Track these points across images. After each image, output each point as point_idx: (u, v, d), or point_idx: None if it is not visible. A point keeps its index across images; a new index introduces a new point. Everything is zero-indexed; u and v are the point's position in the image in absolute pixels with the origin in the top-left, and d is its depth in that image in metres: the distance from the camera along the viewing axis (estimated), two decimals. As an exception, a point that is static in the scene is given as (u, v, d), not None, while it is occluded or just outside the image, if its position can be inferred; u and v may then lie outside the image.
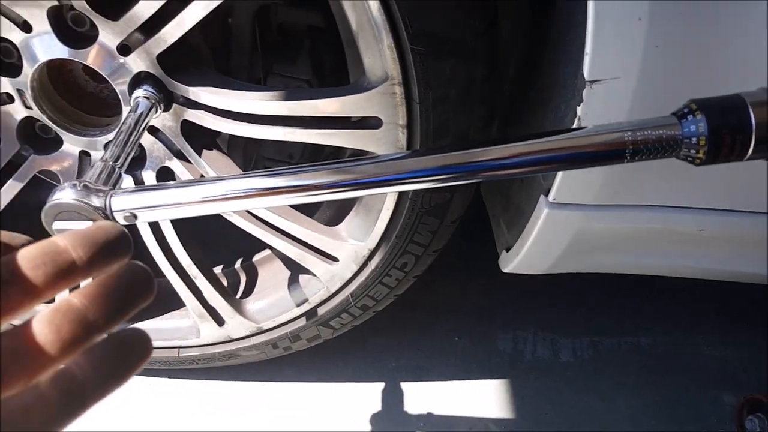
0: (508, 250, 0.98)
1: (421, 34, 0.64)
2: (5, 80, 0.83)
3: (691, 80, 0.66)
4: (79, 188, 0.60)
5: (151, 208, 0.60)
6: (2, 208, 0.94)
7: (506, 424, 1.13)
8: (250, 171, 0.59)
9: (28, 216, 1.03)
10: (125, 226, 0.59)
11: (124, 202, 0.60)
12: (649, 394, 1.18)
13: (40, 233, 1.03)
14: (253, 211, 0.90)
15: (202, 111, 0.81)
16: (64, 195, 0.59)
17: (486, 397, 1.18)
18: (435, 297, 1.34)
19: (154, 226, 0.93)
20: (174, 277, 0.97)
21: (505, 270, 1.00)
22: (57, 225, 0.61)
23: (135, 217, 0.61)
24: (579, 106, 0.69)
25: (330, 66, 0.89)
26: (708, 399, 1.16)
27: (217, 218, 0.95)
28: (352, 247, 0.90)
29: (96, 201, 0.60)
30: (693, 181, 0.80)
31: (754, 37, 0.63)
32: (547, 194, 0.82)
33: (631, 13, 0.61)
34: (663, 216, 0.83)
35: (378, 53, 0.68)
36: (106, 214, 0.60)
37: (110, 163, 0.68)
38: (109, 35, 0.76)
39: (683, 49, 0.64)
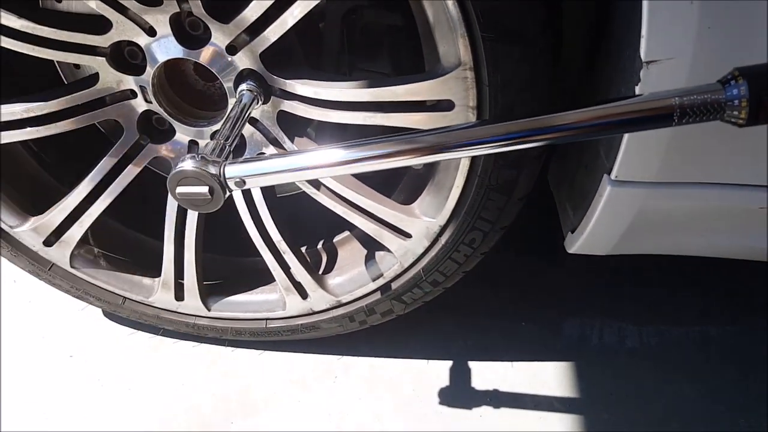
0: (573, 231, 1.04)
1: (491, 22, 0.72)
2: (131, 78, 0.98)
3: (742, 58, 0.70)
4: (198, 159, 0.72)
5: (257, 175, 0.72)
6: (121, 191, 1.09)
7: (571, 403, 1.18)
8: (335, 143, 0.69)
9: (142, 199, 1.19)
10: (236, 190, 0.71)
11: (235, 170, 0.72)
12: (717, 381, 1.19)
13: (152, 214, 1.18)
14: (339, 192, 1.00)
15: (296, 101, 0.92)
16: (186, 164, 0.72)
17: (551, 378, 1.23)
18: (501, 284, 1.40)
19: (251, 207, 1.06)
20: (266, 251, 1.09)
21: (570, 250, 1.05)
22: (180, 189, 0.74)
23: (244, 182, 0.72)
24: (637, 86, 0.75)
25: (407, 61, 0.99)
26: (779, 387, 1.16)
27: (306, 202, 1.07)
28: (424, 223, 0.99)
29: (212, 169, 0.72)
30: (755, 157, 0.84)
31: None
32: (609, 173, 0.87)
33: (683, -5, 0.67)
34: (724, 194, 0.87)
35: (452, 41, 0.77)
36: (221, 180, 0.72)
37: (222, 141, 0.80)
38: (220, 37, 0.89)
39: (734, 28, 0.69)
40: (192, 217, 1.08)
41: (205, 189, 0.72)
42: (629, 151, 0.82)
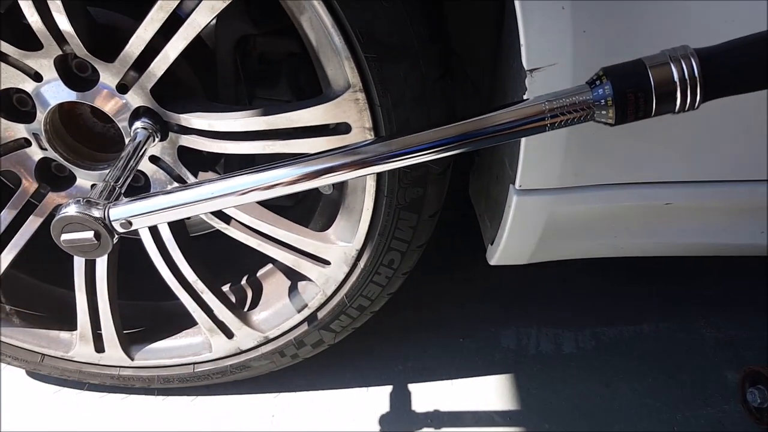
0: (492, 243, 1.04)
1: (371, 42, 0.72)
2: (21, 126, 0.93)
3: (622, 58, 0.72)
4: (82, 203, 0.69)
5: (144, 214, 0.69)
6: (25, 242, 1.04)
7: (512, 415, 1.17)
8: (223, 174, 0.66)
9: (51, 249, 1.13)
10: (124, 233, 0.68)
11: (120, 212, 0.69)
12: (653, 378, 1.20)
13: (63, 264, 1.12)
14: (250, 224, 0.98)
15: (195, 135, 0.90)
16: (69, 209, 0.68)
17: (491, 391, 1.21)
18: (436, 303, 1.39)
19: (162, 248, 1.02)
20: (182, 293, 1.04)
21: (492, 262, 1.05)
22: (65, 237, 0.70)
23: (130, 223, 0.69)
24: (524, 94, 0.75)
25: (307, 87, 0.98)
26: (711, 378, 1.18)
27: (222, 240, 1.04)
28: (341, 248, 0.97)
29: (96, 212, 0.69)
30: (652, 155, 0.85)
31: (668, 7, 0.69)
32: (514, 182, 0.88)
33: (554, 2, 0.68)
34: (626, 193, 0.88)
35: (339, 64, 0.76)
36: (106, 223, 0.69)
37: (111, 182, 0.77)
38: (108, 76, 0.86)
39: (609, 30, 0.70)
40: (101, 263, 1.03)
41: (90, 234, 0.69)
42: (528, 159, 0.83)
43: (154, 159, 0.95)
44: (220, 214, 0.97)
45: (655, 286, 1.39)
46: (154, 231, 1.00)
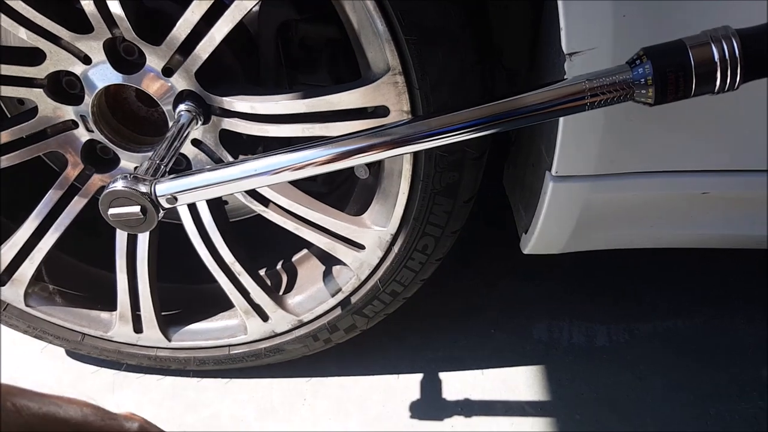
0: (526, 232, 1.04)
1: (412, 24, 0.73)
2: (70, 108, 0.97)
3: (661, 41, 0.72)
4: (129, 178, 0.72)
5: (189, 190, 0.71)
6: (69, 223, 1.08)
7: (543, 406, 1.16)
8: (265, 153, 0.68)
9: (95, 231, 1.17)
10: (169, 208, 0.70)
11: (166, 187, 0.71)
12: (687, 373, 1.18)
13: (105, 246, 1.15)
14: (288, 208, 1.00)
15: (236, 118, 0.92)
16: (117, 184, 0.71)
17: (522, 382, 1.21)
18: (467, 293, 1.40)
19: (202, 230, 1.04)
20: (220, 275, 1.07)
21: (525, 251, 1.05)
22: (112, 210, 0.73)
23: (176, 199, 0.71)
24: (564, 78, 0.75)
25: (346, 72, 0.99)
26: (747, 374, 1.16)
27: (261, 223, 1.06)
28: (375, 233, 0.98)
29: (143, 188, 0.71)
30: (691, 143, 0.84)
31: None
32: (551, 169, 0.88)
33: (595, -15, 0.68)
34: (663, 182, 0.88)
35: (379, 47, 0.77)
36: (152, 198, 0.71)
37: (156, 161, 0.79)
38: (154, 60, 0.89)
39: (649, 13, 0.70)
40: (142, 245, 1.06)
41: (137, 208, 0.71)
42: (565, 145, 0.83)
43: (196, 142, 0.97)
44: (259, 197, 0.99)
45: (692, 281, 1.36)
46: (195, 215, 1.03)
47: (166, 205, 0.72)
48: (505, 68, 0.96)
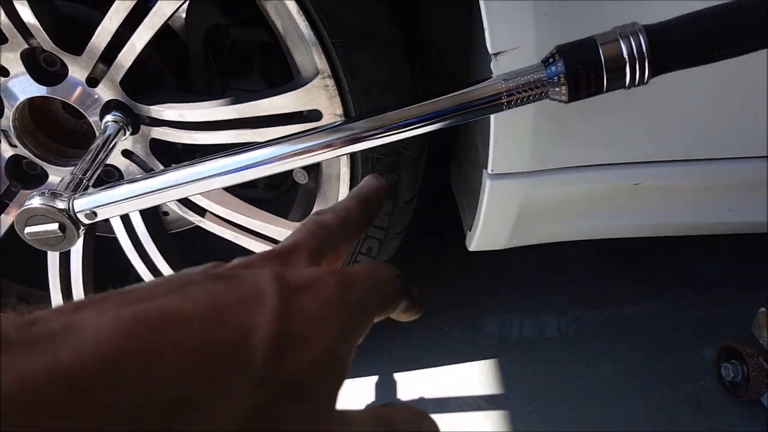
0: (470, 229, 1.04)
1: (337, 27, 0.72)
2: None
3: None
4: (46, 195, 0.69)
5: (109, 204, 0.68)
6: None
7: (495, 399, 1.17)
8: (189, 161, 0.66)
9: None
10: (89, 224, 0.68)
11: (85, 202, 0.69)
12: (633, 359, 1.21)
13: (39, 265, 1.10)
14: (225, 216, 0.98)
15: (166, 127, 0.89)
16: (33, 201, 0.68)
17: (475, 377, 1.22)
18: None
19: (136, 243, 1.01)
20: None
21: (470, 248, 1.06)
22: (29, 229, 0.69)
23: (95, 214, 0.69)
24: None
25: (279, 76, 0.98)
26: (690, 356, 1.19)
27: (201, 237, 1.04)
28: (316, 238, 0.97)
29: (60, 204, 0.68)
30: (619, 136, 0.86)
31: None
32: (487, 167, 0.88)
33: (515, -15, 0.68)
34: (594, 175, 0.89)
35: (306, 50, 0.76)
36: (70, 215, 0.68)
37: (79, 175, 0.76)
38: (77, 70, 0.85)
39: (569, 11, 0.71)
40: (76, 262, 1.03)
41: (54, 226, 0.68)
42: (498, 143, 0.83)
43: (126, 153, 0.94)
44: (194, 207, 0.97)
45: (640, 269, 1.39)
46: (128, 226, 1.00)
47: (86, 221, 0.69)
48: (445, 68, 0.96)
